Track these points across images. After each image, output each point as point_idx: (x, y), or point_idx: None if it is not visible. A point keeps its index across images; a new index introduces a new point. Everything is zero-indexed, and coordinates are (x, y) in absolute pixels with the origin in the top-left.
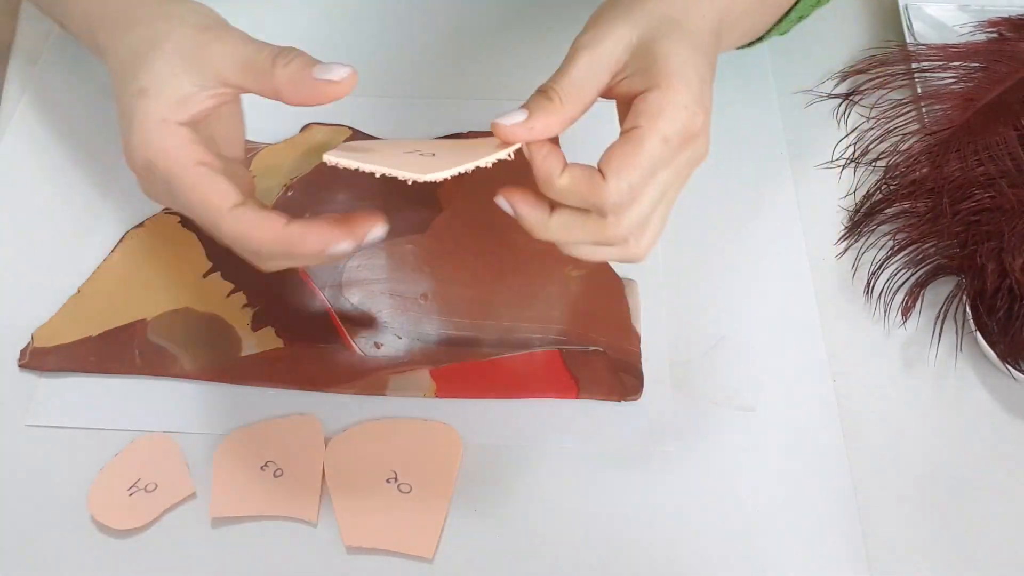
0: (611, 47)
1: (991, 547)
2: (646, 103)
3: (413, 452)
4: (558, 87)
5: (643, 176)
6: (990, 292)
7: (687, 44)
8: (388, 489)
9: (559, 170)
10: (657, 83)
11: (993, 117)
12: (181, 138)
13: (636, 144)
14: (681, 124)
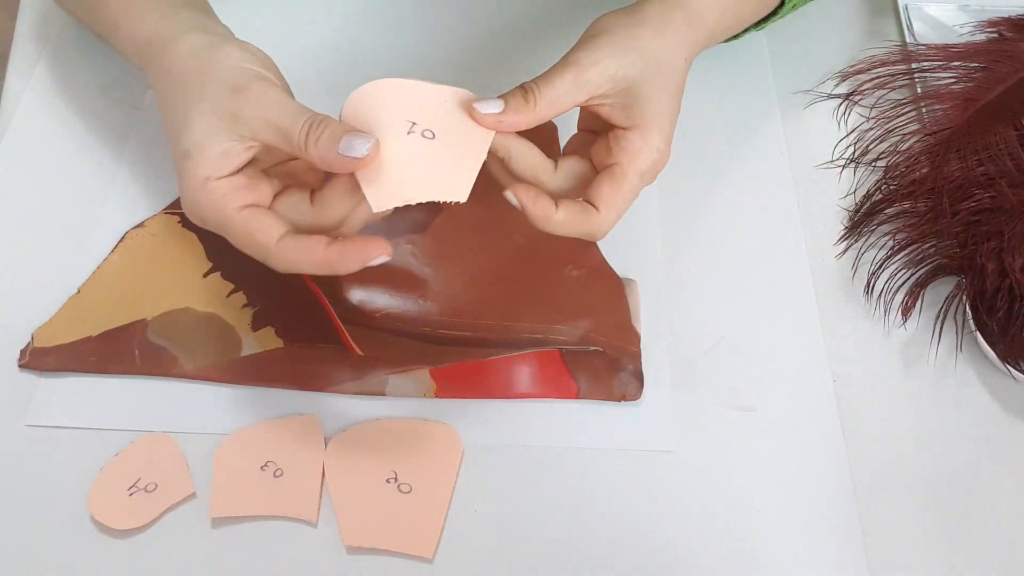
0: (598, 74)
1: (991, 547)
2: (627, 142)
3: (413, 452)
4: (538, 92)
5: (625, 206)
6: (990, 292)
7: (667, 89)
8: (388, 489)
9: (552, 210)
10: (637, 124)
11: (993, 117)
12: (224, 192)
13: (620, 181)
14: (653, 163)
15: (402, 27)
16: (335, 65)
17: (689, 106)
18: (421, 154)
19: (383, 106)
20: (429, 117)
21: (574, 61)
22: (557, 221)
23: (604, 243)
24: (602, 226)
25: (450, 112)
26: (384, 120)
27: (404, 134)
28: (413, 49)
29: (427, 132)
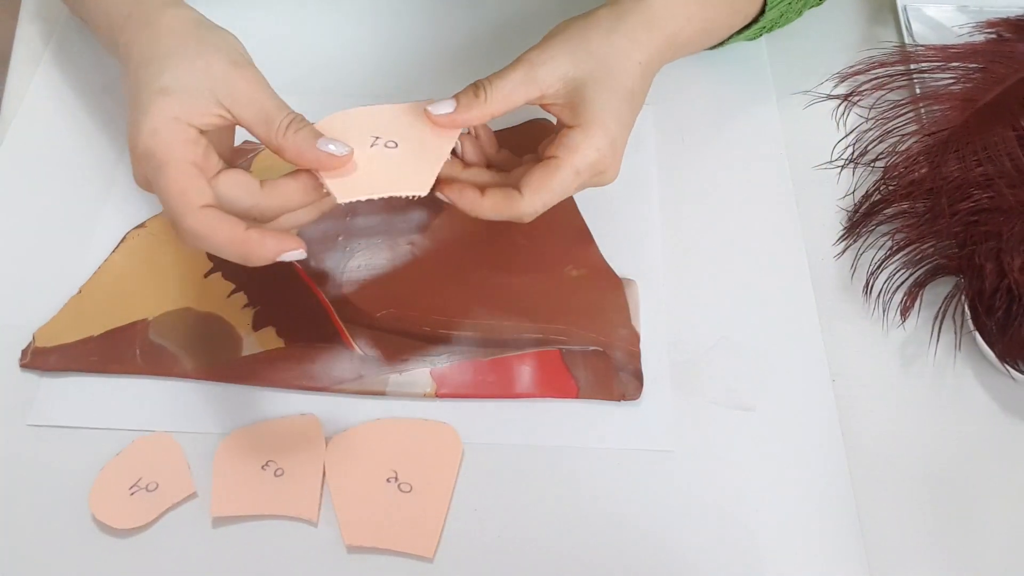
0: (548, 72)
1: (990, 547)
2: (568, 138)
3: (413, 452)
4: (490, 88)
5: (552, 196)
6: (989, 292)
7: (614, 94)
8: (388, 489)
9: (479, 199)
10: (580, 123)
11: (992, 118)
12: (186, 136)
13: (552, 171)
14: (591, 161)
15: (398, 29)
16: (330, 65)
17: (689, 106)
18: (385, 159)
19: (346, 130)
20: (391, 131)
21: (526, 59)
22: (484, 207)
23: (604, 243)
24: (524, 209)
25: (410, 123)
26: (348, 140)
27: (368, 148)
28: (409, 50)
29: (389, 143)
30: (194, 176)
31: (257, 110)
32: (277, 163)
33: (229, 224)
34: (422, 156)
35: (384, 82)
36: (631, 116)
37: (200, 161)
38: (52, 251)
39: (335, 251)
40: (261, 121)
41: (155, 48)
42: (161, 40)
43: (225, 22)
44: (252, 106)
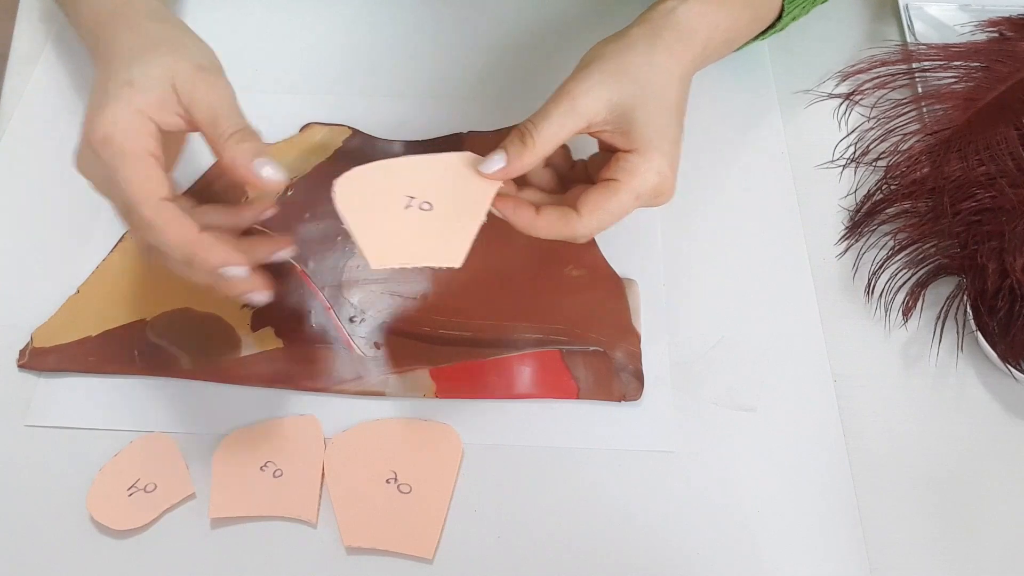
0: (592, 102)
1: (991, 547)
2: (626, 162)
3: (413, 452)
4: (535, 131)
5: (610, 218)
6: (991, 292)
7: (663, 112)
8: (388, 489)
9: (533, 216)
10: (636, 147)
11: (994, 117)
12: (148, 129)
13: (611, 194)
14: (652, 185)
15: (398, 29)
16: (332, 64)
17: (690, 106)
18: (420, 223)
19: (376, 187)
20: (425, 189)
21: (567, 92)
22: (539, 226)
23: (604, 243)
24: (580, 230)
25: (447, 179)
26: (379, 202)
27: (402, 209)
28: (409, 50)
29: (424, 204)
30: (154, 167)
31: (210, 113)
32: (277, 160)
33: (185, 222)
34: (458, 219)
35: (387, 81)
36: (680, 131)
37: (159, 155)
38: (50, 251)
39: (335, 251)
40: (210, 122)
41: (129, 46)
42: (137, 41)
43: (228, 22)
44: (207, 109)
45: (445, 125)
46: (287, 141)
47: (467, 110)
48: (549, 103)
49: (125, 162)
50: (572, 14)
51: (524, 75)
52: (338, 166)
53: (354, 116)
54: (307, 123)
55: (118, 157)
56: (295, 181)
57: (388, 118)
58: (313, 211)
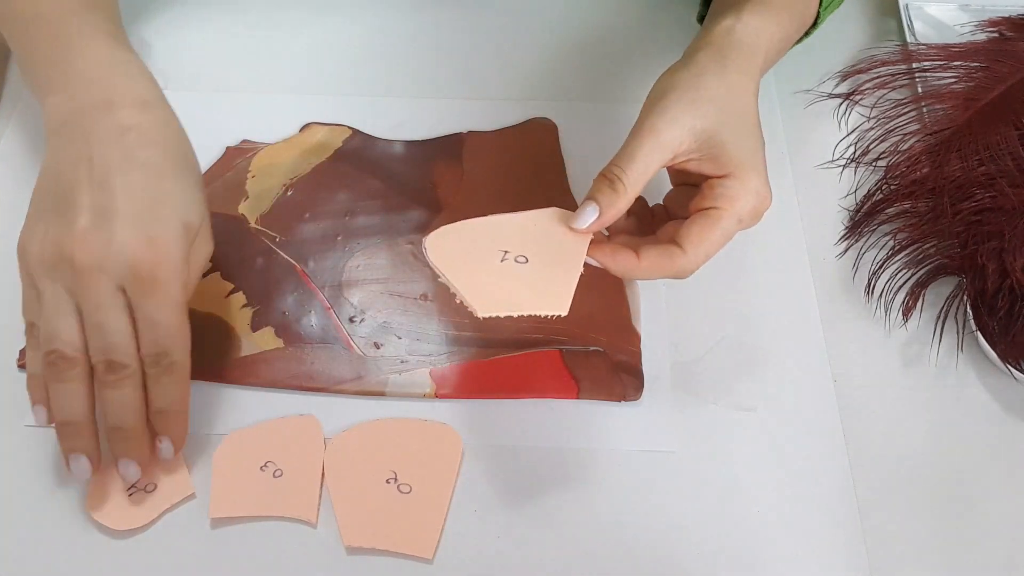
0: (677, 133)
1: (991, 547)
2: (724, 188)
3: (413, 452)
4: (623, 175)
5: (716, 248)
6: (991, 292)
7: (747, 132)
8: (388, 489)
9: (635, 261)
10: (731, 172)
11: (994, 117)
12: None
13: (714, 222)
14: (753, 205)
15: (398, 29)
16: (336, 64)
17: None
18: (519, 274)
19: (468, 243)
20: (518, 244)
21: (649, 127)
22: (643, 268)
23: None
24: (687, 266)
25: (538, 234)
26: (474, 256)
27: (498, 263)
28: (410, 50)
29: (520, 258)
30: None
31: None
32: (276, 161)
33: None
34: (556, 270)
35: (387, 81)
36: (763, 147)
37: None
38: None
39: (335, 251)
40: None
41: (160, 159)
42: (156, 150)
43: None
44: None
45: (445, 125)
46: (287, 141)
47: (467, 110)
48: (631, 142)
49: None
50: (572, 14)
51: (525, 75)
52: (338, 166)
53: (354, 116)
54: (307, 123)
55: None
56: (295, 181)
57: (388, 118)
58: (313, 211)
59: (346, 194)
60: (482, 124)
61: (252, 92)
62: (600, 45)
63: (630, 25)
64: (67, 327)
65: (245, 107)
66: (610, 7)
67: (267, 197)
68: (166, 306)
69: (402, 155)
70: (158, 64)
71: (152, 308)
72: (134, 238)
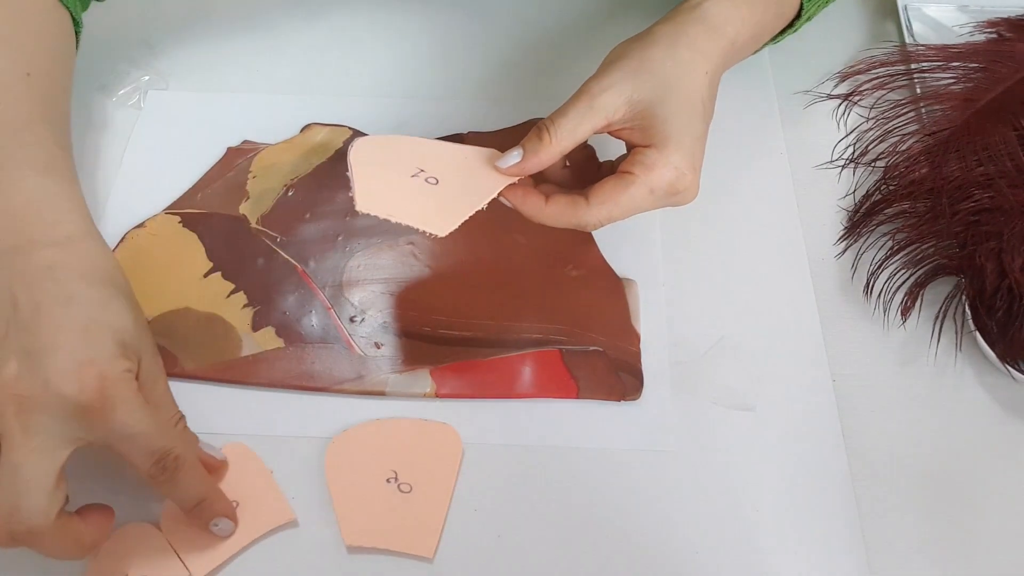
0: (611, 99)
1: (991, 547)
2: (643, 156)
3: (413, 452)
4: (552, 127)
5: (621, 211)
6: (989, 292)
7: (684, 109)
8: (388, 489)
9: (542, 204)
10: (654, 143)
11: (992, 117)
12: None
13: (624, 186)
14: (668, 181)
15: (398, 29)
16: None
17: None
18: (420, 192)
19: (391, 154)
20: (438, 167)
21: (587, 90)
22: (547, 213)
23: (604, 243)
24: (588, 219)
25: (462, 165)
26: (389, 165)
27: (408, 177)
28: (410, 50)
29: (431, 179)
30: None
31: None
32: (277, 162)
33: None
34: (458, 198)
35: (387, 81)
36: (704, 129)
37: None
38: None
39: (335, 251)
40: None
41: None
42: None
43: (228, 22)
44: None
45: (445, 125)
46: (287, 142)
47: (467, 110)
48: (569, 101)
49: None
50: (573, 14)
51: (525, 75)
52: (339, 167)
53: (354, 116)
54: (307, 123)
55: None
56: (295, 181)
57: (388, 118)
58: (313, 211)
59: (347, 194)
60: (482, 124)
61: (253, 92)
62: (600, 45)
63: (630, 26)
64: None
65: (246, 107)
66: (610, 8)
67: (268, 197)
68: (132, 418)
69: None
70: (158, 64)
71: (119, 427)
72: (70, 369)
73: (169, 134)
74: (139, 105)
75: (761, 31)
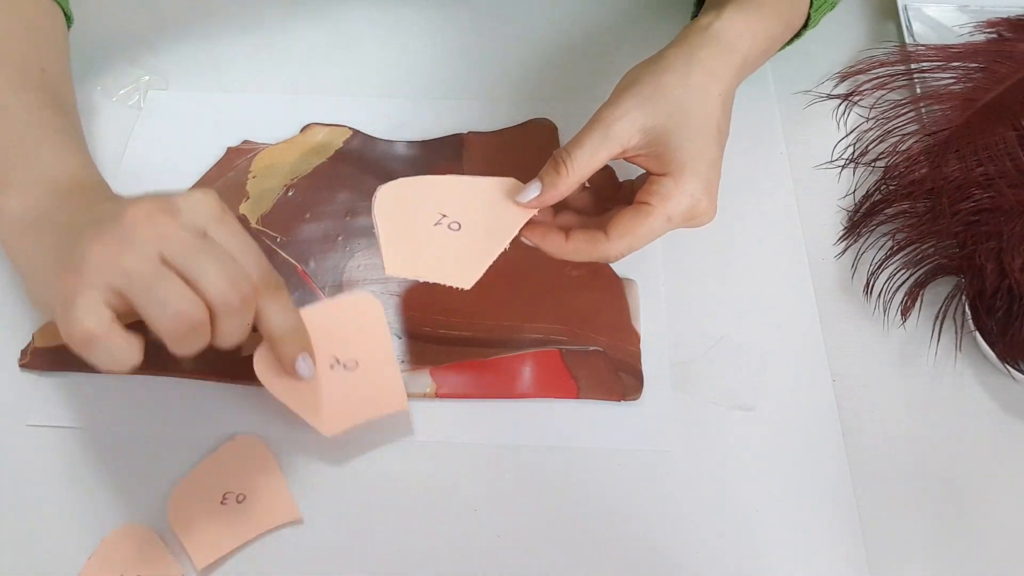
0: (625, 127)
1: (990, 547)
2: (659, 186)
3: (344, 330)
4: (568, 159)
5: (640, 242)
6: (989, 292)
7: (699, 134)
8: (336, 373)
9: (562, 242)
10: (670, 171)
11: (992, 117)
12: None
13: (643, 218)
14: (686, 208)
15: (398, 29)
16: (337, 64)
17: None
18: (444, 241)
19: (413, 200)
20: (459, 209)
21: (601, 118)
22: (568, 251)
23: None
24: (609, 253)
25: (482, 202)
26: (413, 214)
27: (431, 226)
28: (410, 50)
29: (454, 224)
30: None
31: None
32: (277, 162)
33: None
34: (482, 243)
35: (387, 81)
36: (719, 152)
37: None
38: None
39: (335, 251)
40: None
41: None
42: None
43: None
44: None
45: (445, 125)
46: (288, 141)
47: (467, 110)
48: (584, 130)
49: None
50: (573, 14)
51: (525, 75)
52: (339, 167)
53: (354, 116)
54: (307, 123)
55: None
56: (295, 181)
57: (388, 118)
58: (313, 211)
59: (347, 194)
60: (482, 124)
61: (253, 92)
62: (600, 46)
63: (629, 26)
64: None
65: (246, 107)
66: (610, 8)
67: (268, 197)
68: (240, 231)
69: (403, 155)
70: (159, 64)
71: (230, 234)
72: (168, 195)
73: (169, 134)
74: (139, 105)
75: (772, 44)
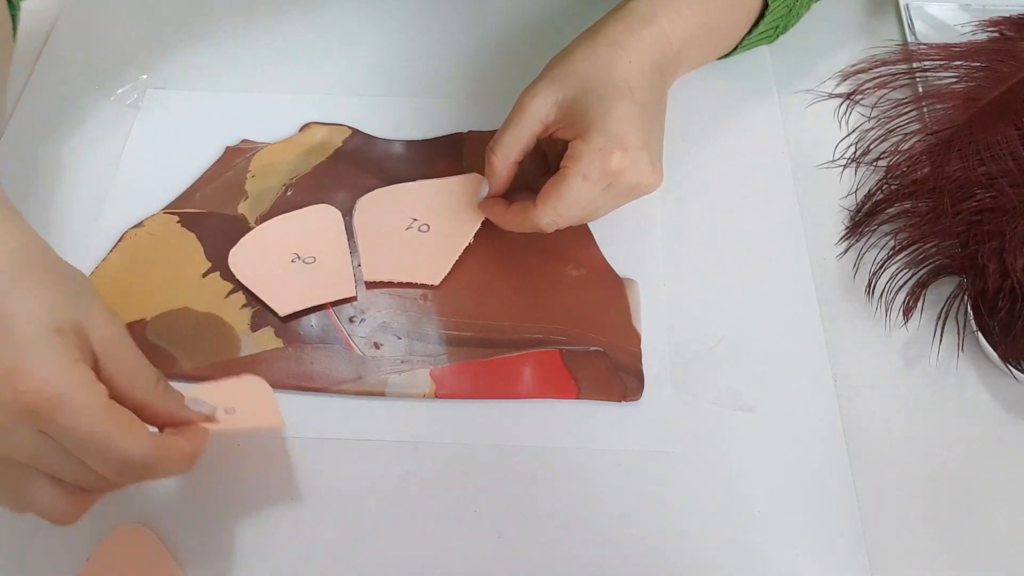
0: (540, 104)
1: (992, 547)
2: (571, 149)
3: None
4: (497, 147)
5: (567, 206)
6: (992, 292)
7: (604, 96)
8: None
9: (503, 211)
10: (579, 133)
11: (995, 117)
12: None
13: (560, 181)
14: (598, 165)
15: (398, 28)
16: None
17: (690, 105)
18: (414, 243)
19: (388, 208)
20: (426, 212)
21: (519, 102)
22: (507, 219)
23: (605, 243)
24: (538, 220)
25: (449, 201)
26: (389, 219)
27: (404, 229)
28: (410, 50)
29: (423, 227)
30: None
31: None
32: (276, 161)
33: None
34: (447, 241)
35: (387, 81)
36: (635, 110)
37: None
38: None
39: None
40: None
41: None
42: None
43: (228, 22)
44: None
45: (445, 125)
46: (287, 141)
47: (467, 110)
48: (507, 118)
49: (92, 414)
50: (573, 13)
51: (524, 75)
52: (338, 166)
53: (354, 116)
54: (307, 123)
55: (75, 412)
56: (295, 181)
57: (388, 118)
58: None
59: (346, 194)
60: (482, 124)
61: (252, 92)
62: None
63: None
64: None
65: (245, 106)
66: (610, 8)
67: (267, 197)
68: (83, 417)
69: (402, 155)
70: (157, 63)
71: (69, 426)
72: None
73: (167, 133)
74: (137, 104)
75: (714, 25)
